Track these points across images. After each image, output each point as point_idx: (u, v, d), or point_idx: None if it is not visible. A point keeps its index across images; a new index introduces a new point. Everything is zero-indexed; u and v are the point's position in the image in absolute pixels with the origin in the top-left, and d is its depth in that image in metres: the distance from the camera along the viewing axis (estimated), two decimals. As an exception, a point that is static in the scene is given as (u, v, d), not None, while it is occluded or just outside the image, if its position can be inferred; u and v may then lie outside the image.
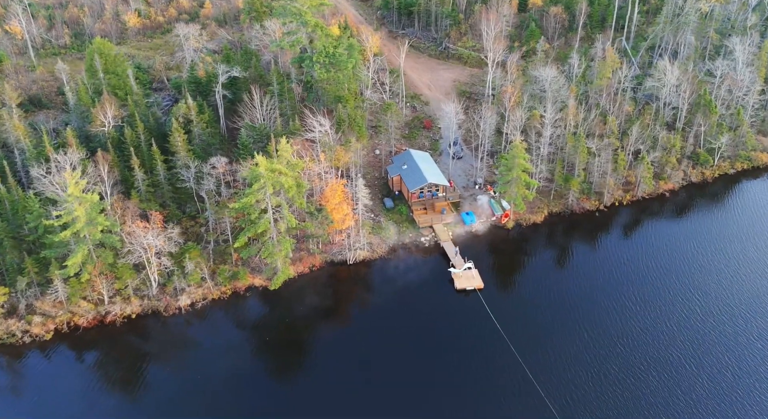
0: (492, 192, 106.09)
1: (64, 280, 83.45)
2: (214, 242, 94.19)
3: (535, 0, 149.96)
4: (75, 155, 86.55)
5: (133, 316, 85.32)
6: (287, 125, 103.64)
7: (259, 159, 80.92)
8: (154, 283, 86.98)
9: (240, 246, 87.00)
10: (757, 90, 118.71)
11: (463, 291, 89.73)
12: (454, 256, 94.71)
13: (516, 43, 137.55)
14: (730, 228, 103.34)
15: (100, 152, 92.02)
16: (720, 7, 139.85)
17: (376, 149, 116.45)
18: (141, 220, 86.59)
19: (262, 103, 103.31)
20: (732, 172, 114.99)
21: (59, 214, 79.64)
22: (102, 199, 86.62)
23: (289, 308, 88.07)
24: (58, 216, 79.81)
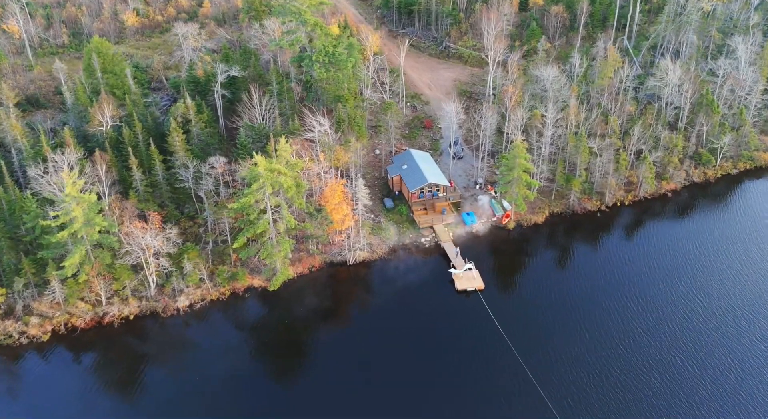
0: (493, 192, 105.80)
1: (62, 281, 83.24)
2: (213, 243, 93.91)
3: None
4: (72, 154, 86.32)
5: (131, 317, 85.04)
6: (286, 125, 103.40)
7: (258, 159, 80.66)
8: (152, 284, 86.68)
9: (239, 247, 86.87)
10: (759, 89, 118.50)
11: (464, 292, 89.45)
12: (455, 257, 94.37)
13: (517, 42, 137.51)
14: (732, 229, 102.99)
15: (97, 151, 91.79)
16: (722, 6, 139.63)
17: (376, 148, 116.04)
18: (139, 220, 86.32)
19: (261, 102, 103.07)
20: (734, 172, 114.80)
21: (56, 214, 79.45)
22: (100, 199, 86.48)
23: (289, 310, 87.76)
24: (55, 217, 79.65)
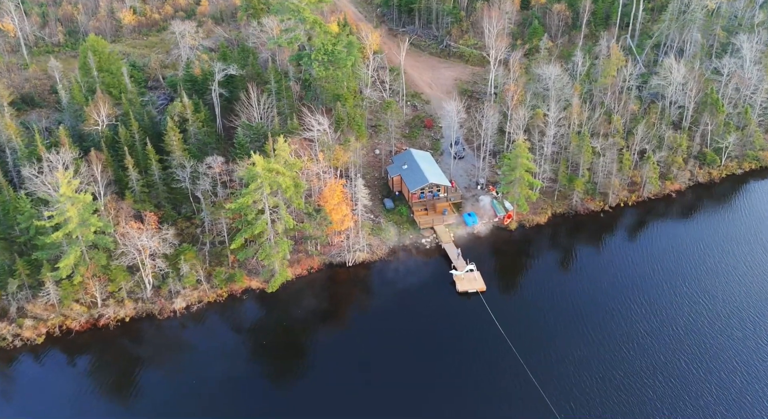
0: (494, 193, 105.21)
1: (56, 282, 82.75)
2: (210, 244, 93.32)
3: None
4: (68, 154, 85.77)
5: (127, 319, 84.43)
6: (285, 124, 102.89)
7: (256, 159, 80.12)
8: (148, 285, 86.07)
9: (236, 248, 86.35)
10: (765, 88, 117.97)
11: (465, 294, 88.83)
12: (456, 258, 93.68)
13: (518, 40, 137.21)
14: (737, 229, 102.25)
15: (93, 151, 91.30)
16: (727, 4, 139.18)
17: (376, 148, 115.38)
18: (135, 221, 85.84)
19: (259, 101, 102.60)
20: (740, 172, 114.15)
21: (51, 215, 79.04)
22: (95, 199, 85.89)
23: (287, 311, 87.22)
24: (50, 217, 79.25)
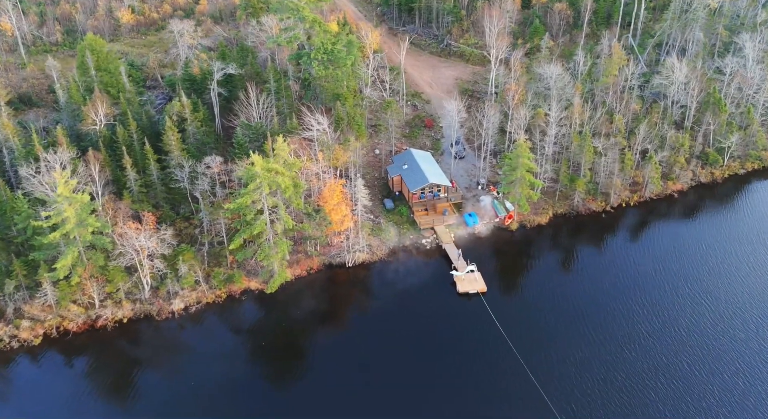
0: (495, 193, 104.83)
1: (54, 283, 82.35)
2: (209, 244, 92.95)
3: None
4: (65, 154, 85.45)
5: (125, 320, 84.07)
6: (284, 124, 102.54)
7: (255, 158, 79.71)
8: (146, 286, 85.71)
9: (235, 248, 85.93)
10: (767, 88, 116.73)
11: (466, 295, 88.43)
12: (457, 259, 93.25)
13: (519, 40, 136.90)
14: (740, 230, 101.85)
15: (91, 151, 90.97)
16: (729, 3, 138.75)
17: (376, 148, 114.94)
18: (133, 221, 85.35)
19: (258, 101, 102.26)
20: (742, 172, 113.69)
21: (48, 215, 78.63)
22: (93, 199, 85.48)
23: (286, 312, 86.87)
24: (47, 217, 78.85)
